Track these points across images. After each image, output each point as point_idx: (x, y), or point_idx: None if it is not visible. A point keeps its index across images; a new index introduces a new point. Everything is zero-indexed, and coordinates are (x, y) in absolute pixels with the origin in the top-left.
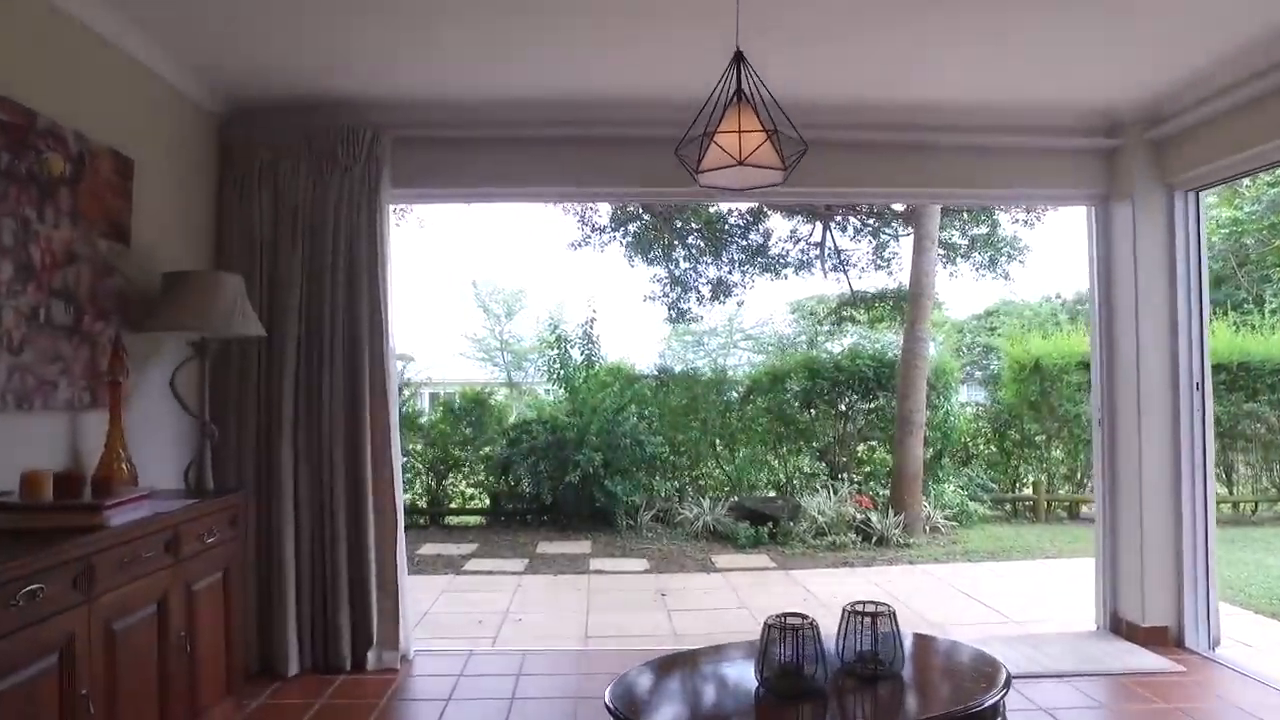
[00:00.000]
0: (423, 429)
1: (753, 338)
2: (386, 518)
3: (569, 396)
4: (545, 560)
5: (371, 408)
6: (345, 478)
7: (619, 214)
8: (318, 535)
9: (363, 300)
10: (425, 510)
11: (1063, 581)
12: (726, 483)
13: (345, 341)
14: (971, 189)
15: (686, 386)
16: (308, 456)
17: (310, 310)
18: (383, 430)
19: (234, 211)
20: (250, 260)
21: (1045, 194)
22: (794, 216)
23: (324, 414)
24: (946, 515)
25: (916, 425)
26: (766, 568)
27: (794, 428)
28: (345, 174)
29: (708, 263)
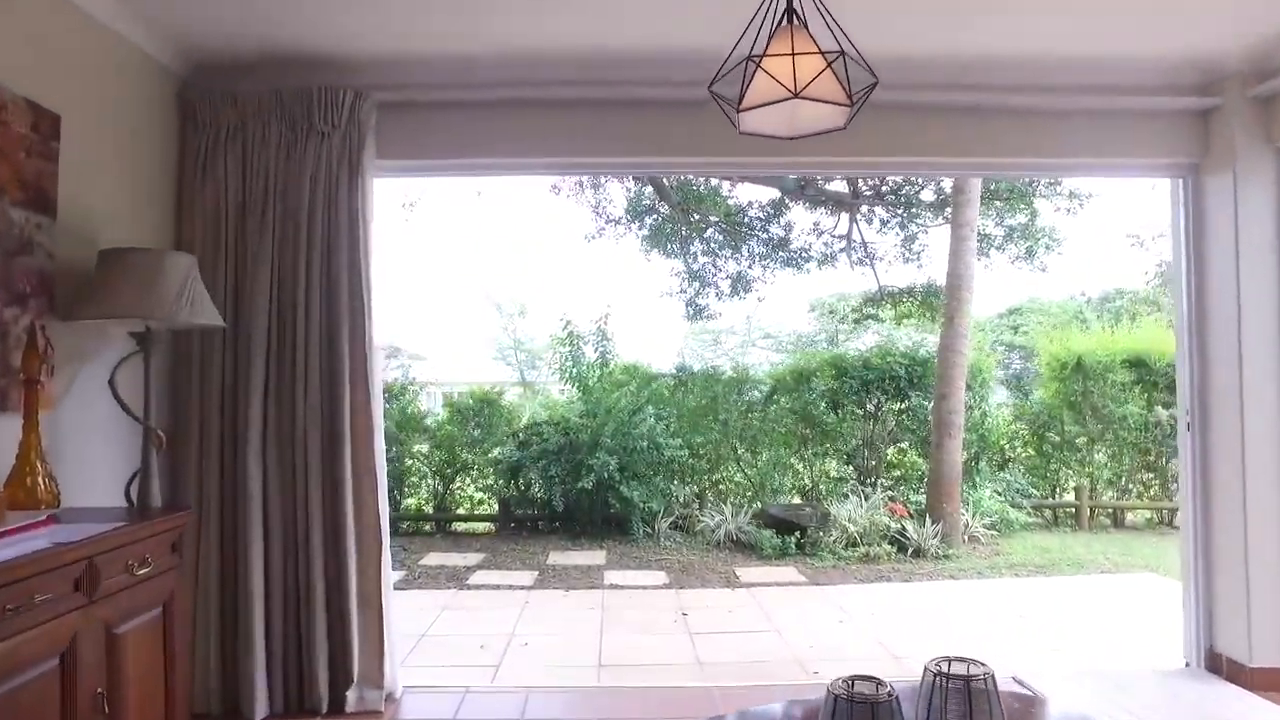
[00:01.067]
0: (429, 430)
1: (771, 336)
2: (369, 536)
3: (582, 397)
4: (556, 573)
5: (352, 410)
6: (322, 491)
7: (635, 206)
8: (290, 557)
9: (341, 288)
10: (431, 516)
11: (1127, 603)
12: (748, 488)
13: (322, 335)
14: (1039, 158)
15: (706, 386)
16: (279, 467)
17: (282, 299)
18: (365, 436)
19: (194, 185)
20: (213, 241)
21: (1125, 164)
22: (817, 208)
23: (297, 418)
24: (985, 524)
25: (955, 427)
26: (795, 582)
27: (820, 429)
28: (323, 142)
29: (727, 256)
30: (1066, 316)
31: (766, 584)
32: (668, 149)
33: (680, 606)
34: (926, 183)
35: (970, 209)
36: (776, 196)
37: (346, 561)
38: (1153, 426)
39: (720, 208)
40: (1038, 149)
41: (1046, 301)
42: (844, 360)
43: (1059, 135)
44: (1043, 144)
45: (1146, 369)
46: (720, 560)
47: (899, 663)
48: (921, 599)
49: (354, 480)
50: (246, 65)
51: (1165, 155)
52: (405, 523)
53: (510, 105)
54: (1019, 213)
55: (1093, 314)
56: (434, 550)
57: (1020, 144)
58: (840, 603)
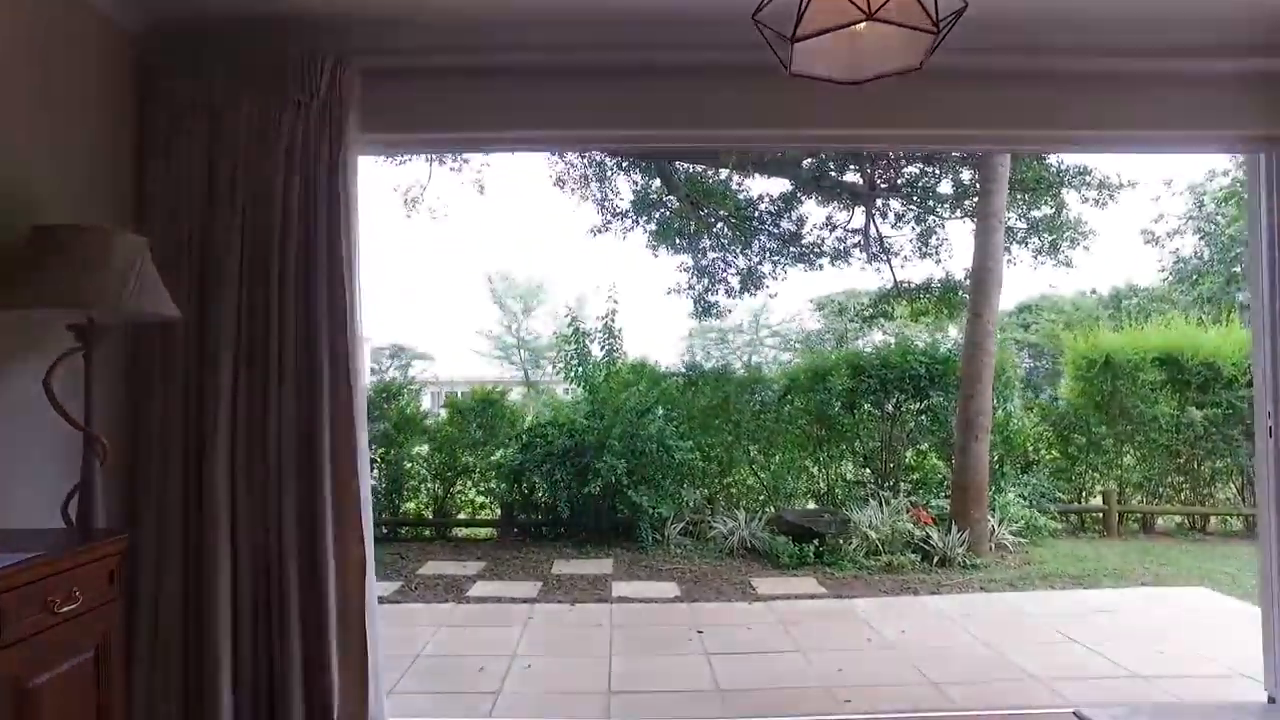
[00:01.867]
0: (428, 432)
1: (779, 334)
2: (351, 553)
3: (588, 397)
4: (561, 583)
5: (333, 415)
6: (298, 505)
7: (642, 201)
8: (261, 579)
9: (320, 279)
10: (430, 522)
11: (1183, 622)
12: (760, 492)
13: (299, 332)
14: (1101, 130)
15: (717, 385)
16: (249, 479)
17: (253, 291)
18: (346, 443)
19: (154, 160)
20: (175, 224)
21: (1197, 137)
22: (830, 202)
23: (270, 424)
24: (1012, 531)
25: (982, 429)
26: (816, 594)
27: (835, 431)
28: (300, 113)
29: (736, 252)
30: (1081, 314)
31: (785, 596)
32: (699, 120)
33: (694, 622)
34: (945, 173)
35: (998, 198)
36: (788, 189)
37: (325, 582)
38: (1185, 428)
39: (729, 202)
40: (1100, 121)
41: (1058, 298)
42: (861, 358)
43: (1124, 105)
44: (1105, 114)
45: (1178, 367)
46: (734, 570)
47: (939, 691)
48: (953, 613)
49: (334, 492)
50: (213, 26)
51: (1243, 126)
52: (404, 528)
53: (516, 72)
54: (1045, 204)
55: (1104, 312)
56: (432, 558)
57: (1080, 116)
58: (866, 618)
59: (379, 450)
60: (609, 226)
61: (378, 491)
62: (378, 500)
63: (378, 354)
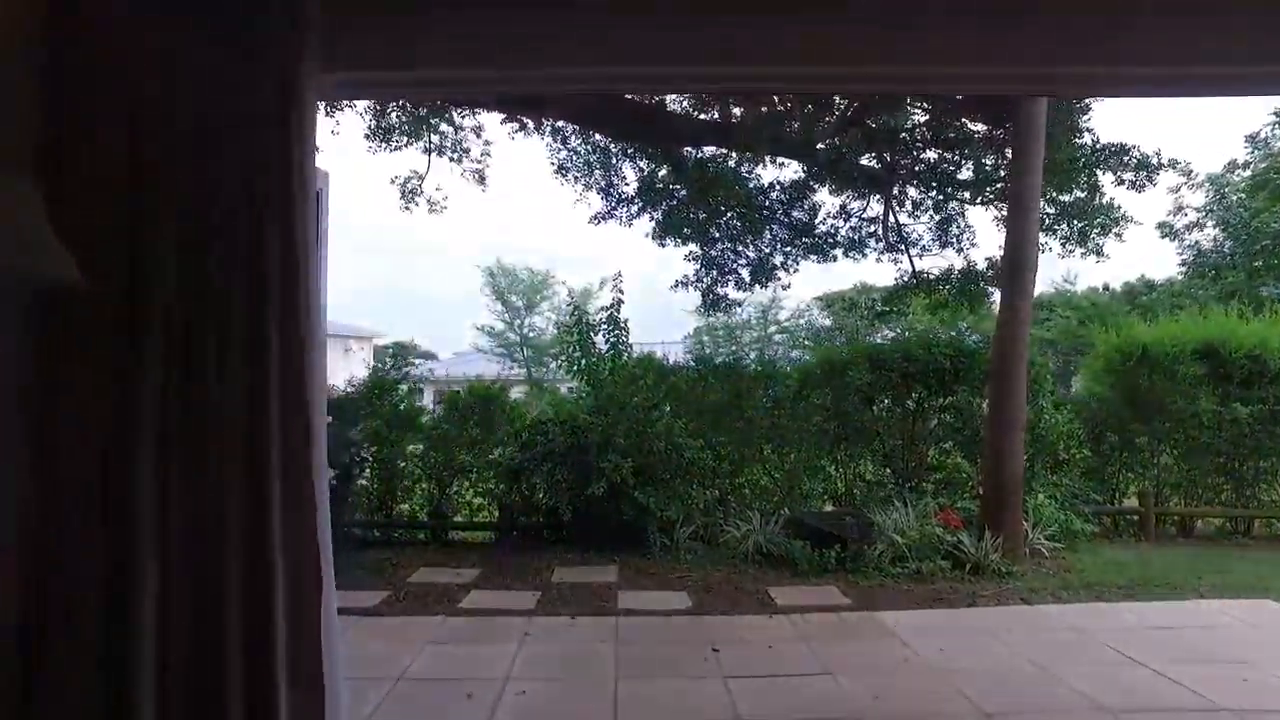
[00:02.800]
0: (423, 430)
1: (788, 330)
2: (305, 587)
3: (591, 392)
4: (562, 593)
5: (284, 417)
6: (241, 528)
7: (648, 189)
8: (197, 618)
9: (271, 256)
10: (425, 524)
11: (1258, 641)
12: (774, 492)
13: (244, 313)
14: (1173, 68)
15: (728, 380)
16: (181, 493)
17: (187, 268)
18: (300, 450)
19: (68, 101)
20: (92, 179)
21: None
22: (844, 190)
23: (209, 423)
24: (1047, 535)
25: (1016, 426)
26: (840, 606)
27: (854, 428)
28: (246, 48)
29: (747, 242)
30: (1098, 310)
31: (807, 608)
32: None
33: (709, 638)
34: (966, 158)
35: (1031, 177)
36: (800, 177)
37: (273, 623)
38: (1228, 424)
39: (739, 190)
40: (1167, 53)
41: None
42: (881, 351)
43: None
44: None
45: (1218, 361)
46: (749, 577)
47: None
48: (994, 628)
49: (284, 509)
50: None
51: None
52: (397, 531)
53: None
54: (1076, 188)
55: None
56: (425, 564)
57: (1147, 48)
58: (898, 633)
59: (371, 449)
60: (614, 213)
61: (369, 492)
62: (369, 501)
63: (380, 353)
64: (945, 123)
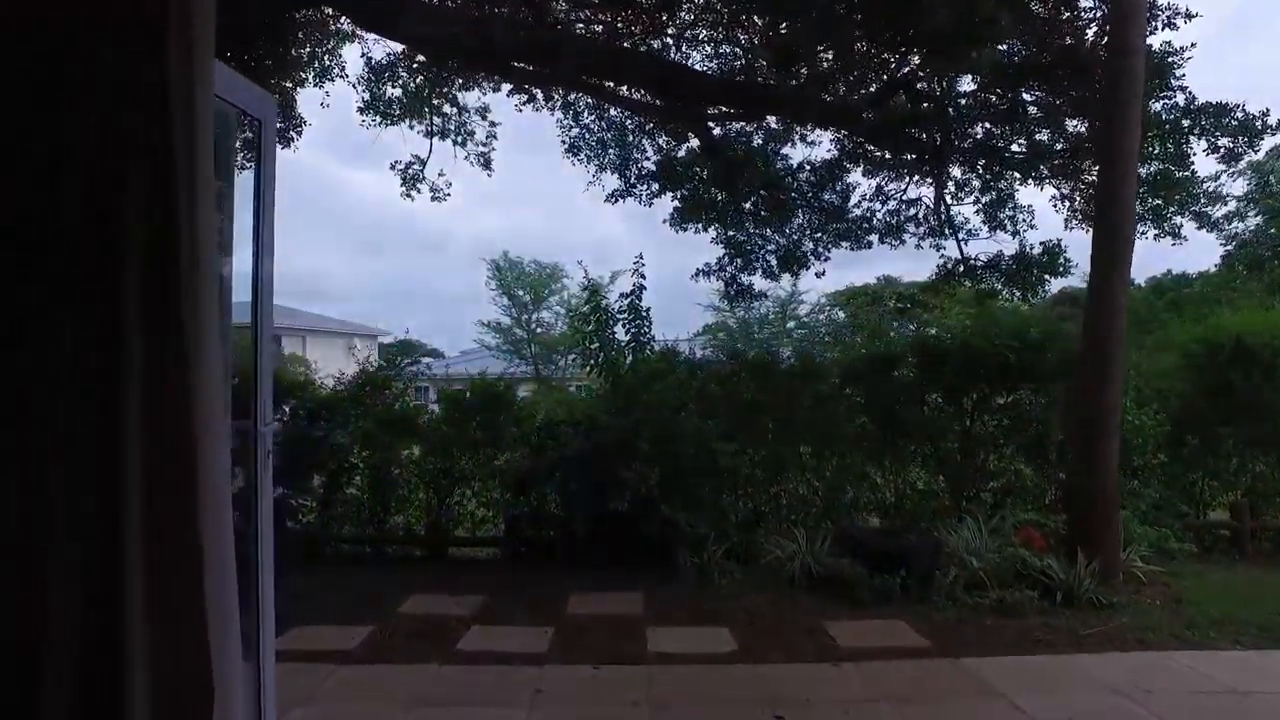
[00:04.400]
0: (421, 432)
1: (807, 326)
2: (180, 602)
3: (611, 389)
4: (580, 630)
5: (144, 419)
6: (97, 551)
7: (667, 169)
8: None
9: (134, 197)
10: (422, 538)
11: None
12: (814, 503)
13: (86, 272)
14: None
15: (764, 377)
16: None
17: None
18: (184, 470)
19: None
20: None
21: None
22: (888, 168)
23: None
24: (1142, 555)
25: (1111, 429)
26: (917, 649)
27: (902, 430)
28: None
29: (778, 227)
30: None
31: (878, 653)
32: None
33: (767, 697)
34: (1019, 132)
35: (1128, 138)
36: (833, 156)
37: (126, 644)
38: None
39: (768, 170)
40: None
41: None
42: (935, 344)
43: None
44: None
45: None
46: (799, 608)
47: None
48: (1124, 684)
49: (147, 559)
50: None
51: None
52: (390, 547)
53: None
54: (1157, 159)
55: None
56: (419, 589)
57: None
58: (1004, 690)
59: (362, 454)
60: (632, 191)
61: (359, 503)
62: (359, 513)
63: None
64: (1007, 88)
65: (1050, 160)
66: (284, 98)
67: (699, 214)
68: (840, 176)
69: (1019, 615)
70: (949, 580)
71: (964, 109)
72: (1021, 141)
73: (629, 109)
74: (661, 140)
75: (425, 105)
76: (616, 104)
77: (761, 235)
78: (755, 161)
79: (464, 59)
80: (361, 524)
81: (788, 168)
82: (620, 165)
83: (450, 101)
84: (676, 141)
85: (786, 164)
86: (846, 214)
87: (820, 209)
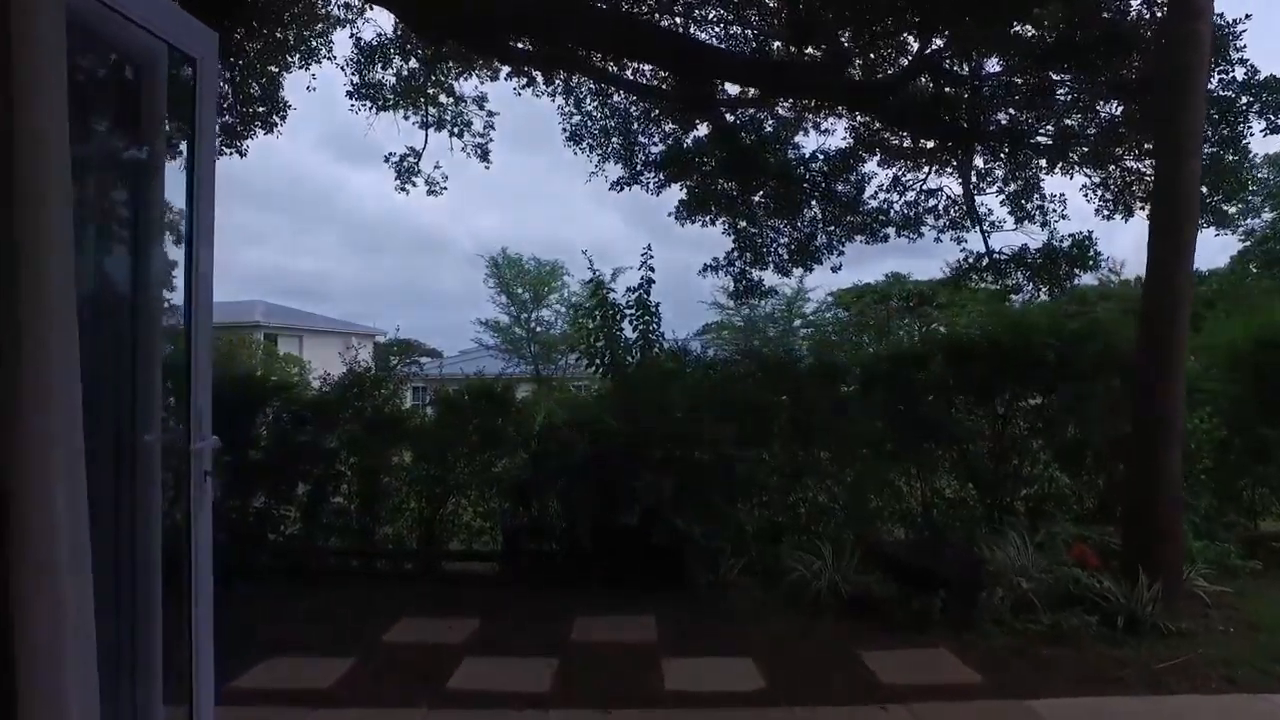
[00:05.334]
0: (412, 435)
1: (814, 324)
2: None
3: (618, 390)
4: (587, 662)
5: None
6: None
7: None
8: None
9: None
10: (413, 552)
11: None
12: (834, 512)
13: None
14: None
15: (781, 376)
16: None
17: None
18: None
19: None
20: None
21: None
22: (908, 156)
23: None
24: (1203, 572)
25: (1173, 435)
26: (969, 686)
27: (929, 434)
28: None
29: (791, 220)
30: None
31: (927, 690)
32: None
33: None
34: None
35: (1192, 113)
36: (848, 144)
37: None
38: None
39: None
40: None
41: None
42: (964, 341)
43: None
44: None
45: None
46: (831, 634)
47: None
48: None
49: None
50: None
51: None
52: (379, 561)
53: None
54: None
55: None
56: (410, 609)
57: None
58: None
59: (350, 460)
60: (639, 178)
61: (345, 513)
62: (346, 522)
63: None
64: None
65: (1084, 145)
66: (270, 82)
67: (707, 206)
68: (856, 166)
69: (1077, 644)
70: (994, 601)
71: (994, 89)
72: (1054, 125)
73: (635, 93)
74: (669, 127)
75: (420, 94)
76: (622, 88)
77: (773, 228)
78: (769, 148)
79: (463, 34)
80: (349, 536)
81: (800, 157)
82: (625, 153)
83: (446, 91)
84: (684, 129)
85: (800, 153)
86: (862, 205)
87: (836, 200)
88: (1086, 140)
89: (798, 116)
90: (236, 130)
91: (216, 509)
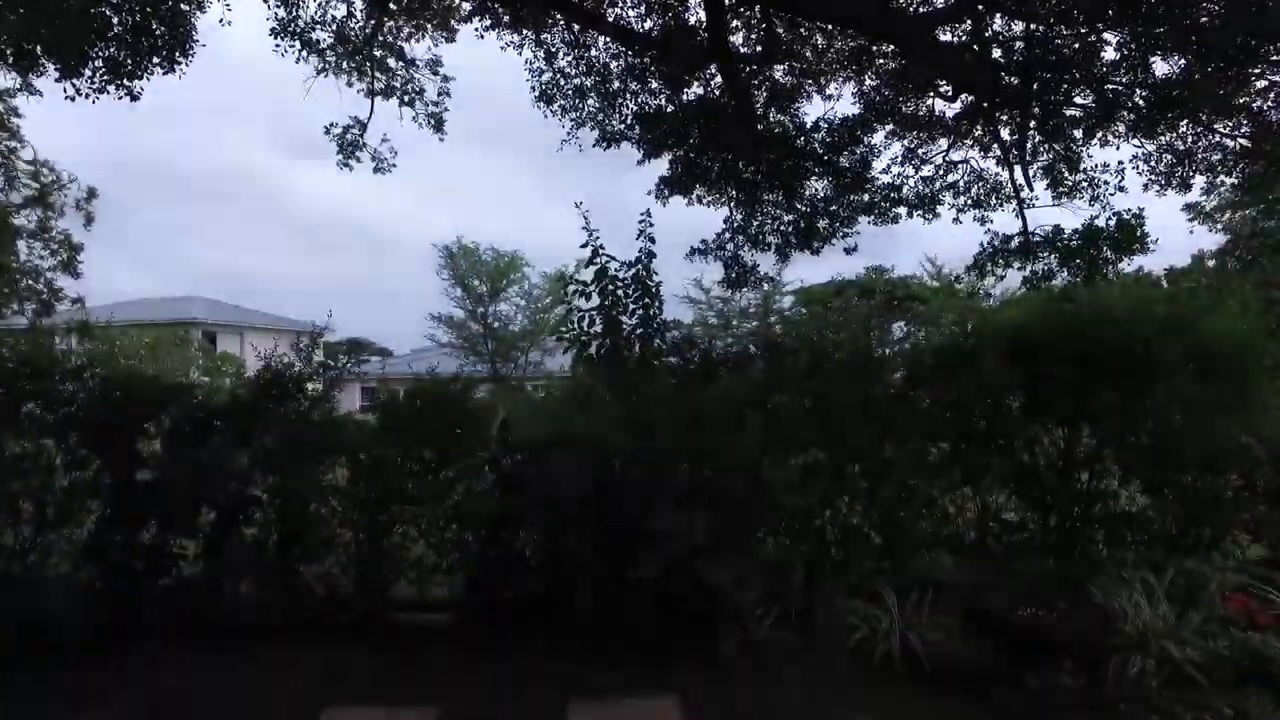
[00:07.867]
0: (346, 448)
1: (790, 320)
2: None
3: (618, 393)
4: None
5: None
6: None
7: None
8: None
9: None
10: (347, 600)
11: None
12: (868, 538)
13: None
14: None
15: (808, 373)
16: None
17: None
18: None
19: None
20: None
21: None
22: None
23: None
24: None
25: None
26: None
27: (984, 445)
28: None
29: (795, 195)
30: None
31: None
32: None
33: None
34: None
35: None
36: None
37: None
38: None
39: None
40: None
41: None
42: (1029, 332)
43: None
44: None
45: None
46: None
47: None
48: None
49: None
50: None
51: None
52: (305, 612)
53: None
54: None
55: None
56: (342, 681)
57: None
58: None
59: (267, 479)
60: (629, 135)
61: (262, 547)
62: (262, 561)
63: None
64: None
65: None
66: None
67: (696, 179)
68: (867, 135)
69: None
70: (1131, 673)
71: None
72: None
73: (621, 40)
74: (654, 84)
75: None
76: (606, 33)
77: (774, 203)
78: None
79: None
80: (265, 578)
81: (800, 125)
82: (604, 113)
83: (396, 55)
84: (676, 88)
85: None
86: (867, 182)
87: (840, 173)
88: (1168, 101)
89: (805, 73)
90: (126, 67)
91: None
